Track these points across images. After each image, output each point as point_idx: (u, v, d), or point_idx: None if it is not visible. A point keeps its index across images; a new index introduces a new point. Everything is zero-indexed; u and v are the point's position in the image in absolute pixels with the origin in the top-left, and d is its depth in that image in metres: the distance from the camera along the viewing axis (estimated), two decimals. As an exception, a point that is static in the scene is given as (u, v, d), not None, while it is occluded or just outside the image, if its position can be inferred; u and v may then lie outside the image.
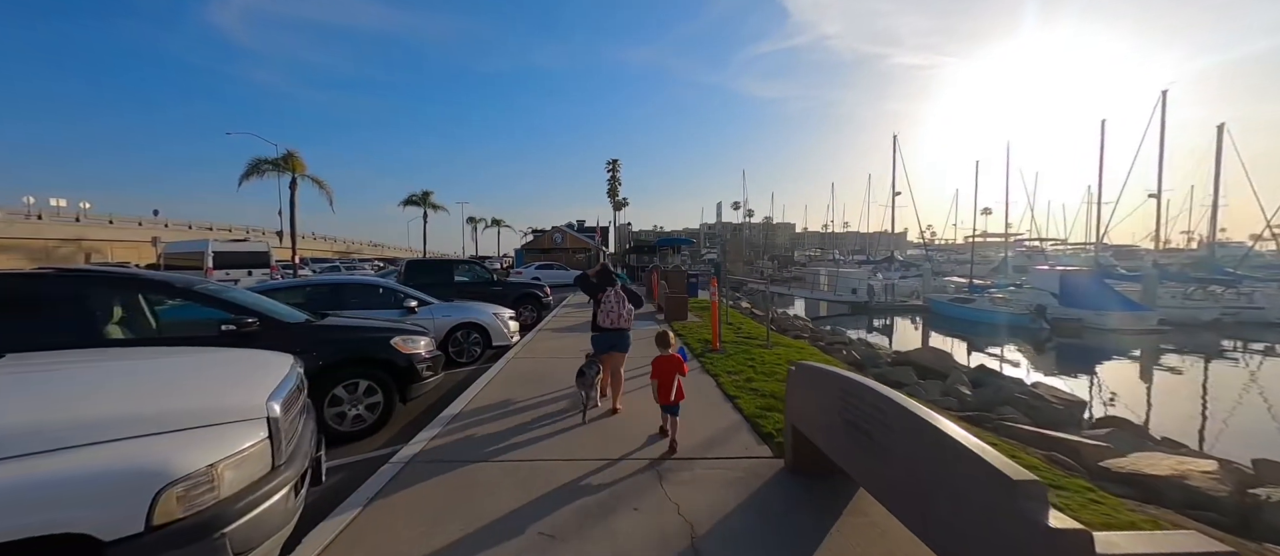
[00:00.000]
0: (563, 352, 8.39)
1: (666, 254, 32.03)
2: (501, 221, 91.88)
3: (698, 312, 13.77)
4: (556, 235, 40.20)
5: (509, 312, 8.59)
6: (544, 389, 6.05)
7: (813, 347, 9.20)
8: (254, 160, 30.40)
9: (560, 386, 6.18)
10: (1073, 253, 41.77)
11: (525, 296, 11.55)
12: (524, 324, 11.45)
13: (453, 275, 11.04)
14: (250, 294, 5.30)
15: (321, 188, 33.25)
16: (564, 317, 13.04)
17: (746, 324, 12.43)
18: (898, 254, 55.22)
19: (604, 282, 5.22)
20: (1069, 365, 15.46)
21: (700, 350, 8.36)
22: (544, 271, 28.09)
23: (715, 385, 6.26)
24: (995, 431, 5.06)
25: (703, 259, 57.89)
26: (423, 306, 7.47)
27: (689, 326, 11.35)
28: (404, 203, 56.66)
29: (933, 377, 7.78)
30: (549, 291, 12.19)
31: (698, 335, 9.96)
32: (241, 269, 18.23)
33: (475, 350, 7.90)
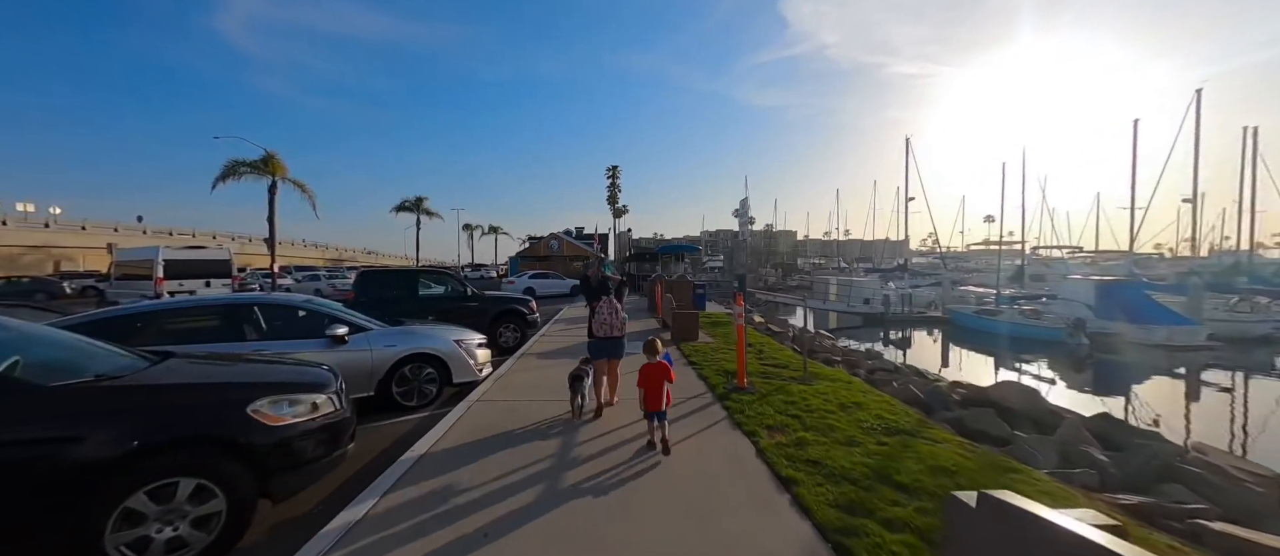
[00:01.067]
0: (543, 388, 6.54)
1: (669, 262, 30.14)
2: (499, 228, 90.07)
3: (711, 330, 11.92)
4: (552, 242, 38.35)
5: (477, 338, 6.75)
6: (512, 461, 4.20)
7: (859, 381, 7.35)
8: (231, 162, 28.56)
9: (536, 447, 4.34)
10: (1090, 261, 39.94)
11: (506, 313, 9.70)
12: (504, 347, 9.61)
13: (416, 288, 9.19)
14: (38, 328, 3.48)
15: (304, 192, 31.42)
16: (553, 337, 11.19)
17: (767, 345, 10.59)
18: (902, 261, 53.62)
19: (602, 289, 5.42)
20: (1134, 391, 13.58)
21: (722, 387, 6.52)
22: (539, 280, 26.27)
23: (754, 452, 4.40)
24: (1191, 540, 3.22)
25: (706, 267, 56.14)
26: (357, 333, 5.62)
27: (702, 349, 9.49)
28: (397, 208, 54.88)
29: (1027, 425, 5.95)
30: (536, 307, 10.34)
31: (715, 363, 8.12)
32: (197, 279, 16.41)
33: (430, 389, 6.05)
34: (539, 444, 4.53)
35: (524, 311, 9.87)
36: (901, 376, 9.00)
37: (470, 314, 9.34)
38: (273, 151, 29.20)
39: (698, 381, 7.04)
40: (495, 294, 10.75)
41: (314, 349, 5.28)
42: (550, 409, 5.57)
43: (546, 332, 12.08)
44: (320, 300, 6.24)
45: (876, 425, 5.03)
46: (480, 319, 9.41)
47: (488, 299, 9.69)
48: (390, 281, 9.46)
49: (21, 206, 34.50)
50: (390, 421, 5.58)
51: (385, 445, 4.91)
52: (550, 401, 5.87)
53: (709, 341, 10.60)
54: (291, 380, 3.43)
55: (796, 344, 12.86)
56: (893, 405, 5.92)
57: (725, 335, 11.60)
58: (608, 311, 5.28)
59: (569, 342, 10.24)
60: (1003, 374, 16.23)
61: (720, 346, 10.03)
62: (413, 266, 10.13)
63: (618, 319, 5.30)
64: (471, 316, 9.35)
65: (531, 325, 10.13)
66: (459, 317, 9.15)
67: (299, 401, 3.26)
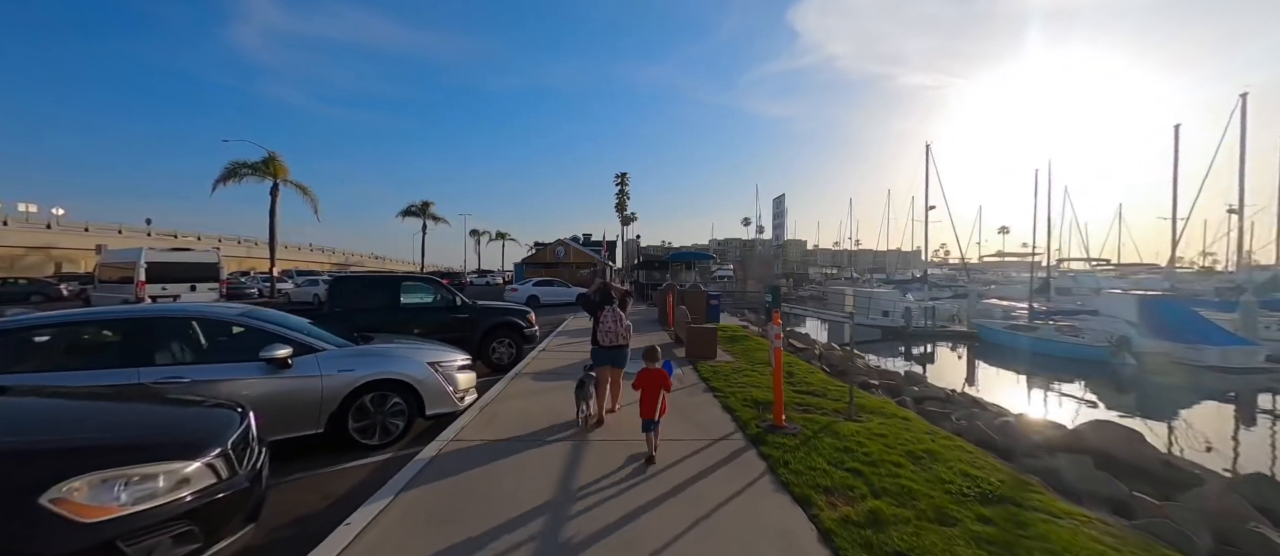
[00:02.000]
0: (537, 418, 5.42)
1: (679, 270, 28.93)
2: (507, 234, 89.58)
3: (728, 346, 10.74)
4: (559, 249, 37.30)
5: (459, 359, 5.64)
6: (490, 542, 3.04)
7: (916, 417, 6.13)
8: (232, 164, 28.07)
9: (525, 513, 3.18)
10: (1118, 274, 38.20)
11: (500, 327, 8.58)
12: (497, 364, 8.50)
13: (398, 296, 8.08)
14: None
15: (305, 194, 30.84)
16: (554, 353, 10.06)
17: (794, 365, 9.38)
18: (917, 272, 52.01)
19: (603, 301, 5.44)
20: (1222, 427, 12.07)
21: (754, 425, 5.34)
22: (543, 288, 25.19)
23: (814, 534, 3.20)
24: None
25: (715, 276, 54.83)
26: (305, 355, 4.52)
27: (722, 371, 8.31)
28: (402, 213, 54.45)
29: (1140, 481, 4.70)
30: (534, 319, 9.21)
31: (740, 389, 6.93)
32: (182, 283, 15.52)
33: (396, 424, 4.93)
34: (529, 498, 3.39)
35: (520, 324, 8.75)
36: (958, 407, 7.75)
37: (459, 327, 8.25)
38: (274, 153, 28.65)
39: (722, 415, 5.87)
40: (488, 304, 9.61)
41: (247, 376, 4.19)
42: (538, 466, 4.43)
43: (547, 347, 10.96)
44: (265, 313, 5.16)
45: (966, 487, 3.83)
46: (470, 332, 8.31)
47: (480, 310, 8.57)
48: (368, 289, 8.19)
49: (23, 207, 34.18)
50: (339, 466, 4.46)
51: (317, 505, 3.78)
52: (541, 444, 4.74)
53: (728, 360, 9.41)
54: (139, 441, 2.31)
55: (826, 363, 11.60)
56: (972, 454, 4.70)
57: (745, 352, 10.41)
58: (612, 320, 5.33)
59: (570, 359, 9.11)
60: (1038, 395, 14.84)
61: (742, 366, 8.84)
62: (394, 272, 8.99)
63: (622, 327, 5.32)
64: (461, 330, 8.26)
65: (529, 339, 9.01)
66: (447, 331, 8.08)
67: (151, 476, 2.14)
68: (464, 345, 8.19)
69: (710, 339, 9.58)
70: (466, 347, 8.26)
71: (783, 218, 4.72)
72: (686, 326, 9.86)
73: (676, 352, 10.16)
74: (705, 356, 9.43)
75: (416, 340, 6.56)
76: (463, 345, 8.24)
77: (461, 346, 8.26)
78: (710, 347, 9.53)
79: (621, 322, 5.34)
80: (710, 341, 9.56)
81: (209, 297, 15.88)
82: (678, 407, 5.99)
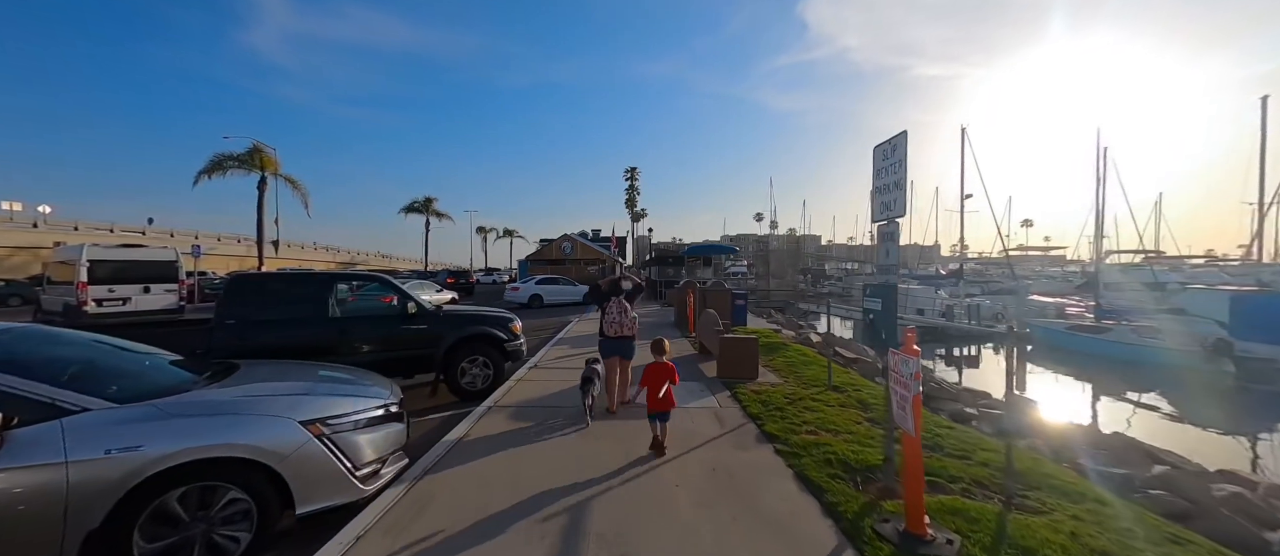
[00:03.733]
0: (503, 493, 3.23)
1: (695, 266, 26.56)
2: (515, 231, 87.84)
3: (769, 359, 8.45)
4: (565, 244, 35.07)
5: (372, 406, 3.46)
6: None
7: (1112, 498, 3.82)
8: (217, 156, 26.31)
9: None
10: (1171, 267, 34.98)
11: (470, 341, 6.35)
12: (469, 389, 6.32)
13: (326, 303, 5.71)
14: None
15: (296, 189, 29.05)
16: (547, 371, 7.88)
17: (865, 390, 7.08)
18: (940, 268, 49.05)
19: (612, 293, 5.53)
20: None
21: (870, 528, 3.07)
22: (547, 286, 23.04)
23: None
24: None
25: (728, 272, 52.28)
26: (42, 422, 2.37)
27: (772, 400, 6.04)
28: (405, 210, 52.85)
29: None
30: (519, 328, 7.01)
31: (815, 443, 4.64)
32: (133, 283, 13.61)
33: (231, 544, 2.76)
34: None
35: (499, 336, 6.55)
36: (1134, 464, 5.35)
37: (414, 344, 6.09)
38: (260, 144, 26.86)
39: (802, 499, 3.58)
40: (457, 311, 7.39)
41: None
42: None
43: (541, 361, 8.77)
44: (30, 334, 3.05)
45: None
46: (430, 349, 6.15)
47: (443, 319, 6.35)
48: (280, 292, 5.78)
49: (8, 205, 32.87)
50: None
51: None
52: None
53: (774, 382, 7.14)
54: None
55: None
56: None
57: (789, 367, 8.14)
58: (617, 311, 5.44)
59: (567, 379, 6.93)
60: (1172, 423, 12.24)
61: (795, 391, 6.57)
62: (319, 271, 6.81)
63: (627, 318, 5.44)
64: (416, 347, 6.10)
65: (513, 356, 6.81)
66: (396, 349, 5.94)
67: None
68: (420, 368, 6.05)
69: (749, 354, 7.31)
70: (425, 369, 6.14)
71: (898, 188, 2.97)
72: (717, 336, 7.59)
73: (703, 369, 7.91)
74: (744, 376, 7.18)
75: (341, 367, 4.41)
76: (418, 368, 6.12)
77: (416, 369, 6.18)
78: (750, 365, 7.26)
79: (627, 314, 5.44)
80: (750, 357, 7.29)
81: (166, 300, 13.99)
82: (726, 481, 3.77)
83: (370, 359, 5.65)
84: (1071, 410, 11.61)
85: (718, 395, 6.47)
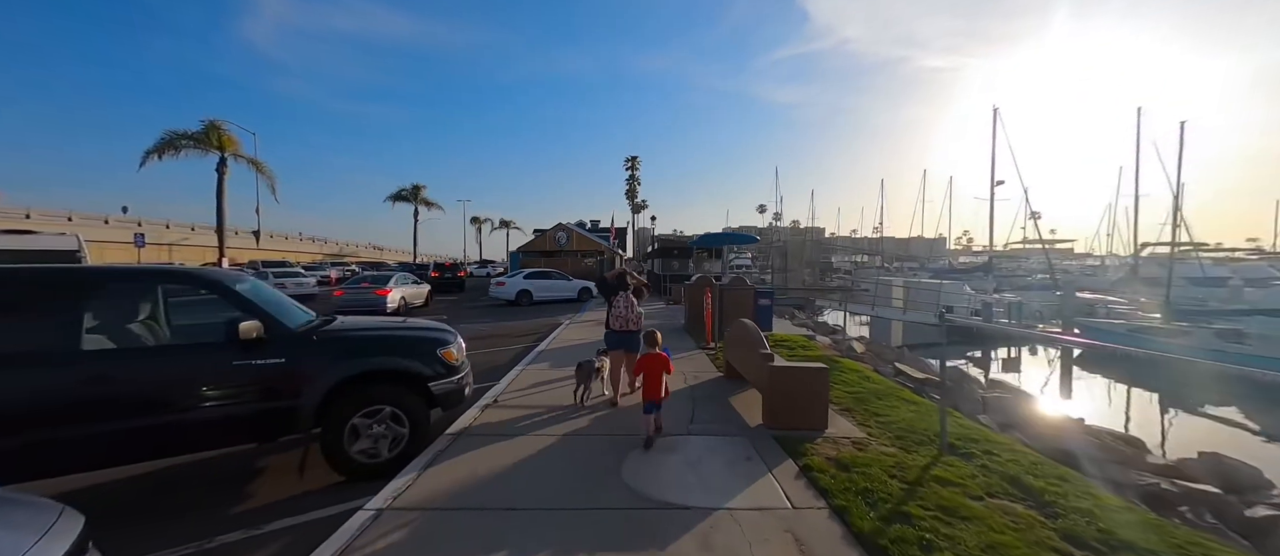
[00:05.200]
0: None
1: (702, 259, 23.92)
2: (511, 223, 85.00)
3: (842, 390, 5.90)
4: (559, 235, 32.37)
5: None
6: None
7: None
8: (168, 133, 23.55)
9: None
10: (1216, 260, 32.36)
11: (366, 380, 3.77)
12: (370, 465, 3.79)
13: (69, 323, 2.87)
14: None
15: (261, 172, 26.22)
16: (521, 400, 5.35)
17: (965, 431, 4.57)
18: (952, 262, 46.53)
19: (619, 287, 5.62)
20: None
21: None
22: (537, 281, 20.44)
23: None
24: None
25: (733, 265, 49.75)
26: None
27: (876, 486, 3.52)
28: (392, 198, 49.98)
29: None
30: (456, 354, 4.44)
31: None
32: (19, 278, 11.03)
33: None
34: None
35: (418, 371, 4.02)
36: None
37: (257, 390, 3.51)
38: (216, 121, 23.97)
39: None
40: (348, 332, 4.50)
41: None
42: None
43: (505, 391, 6.24)
44: None
45: None
46: (289, 400, 3.59)
47: (320, 346, 3.80)
48: None
49: (-50, 190, 30.14)
50: None
51: None
52: None
53: (854, 434, 4.64)
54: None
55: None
56: None
57: (861, 404, 5.62)
58: (624, 305, 5.52)
59: (542, 442, 4.42)
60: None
61: (902, 460, 4.06)
62: (43, 266, 4.05)
63: (633, 313, 5.51)
64: (262, 396, 3.53)
65: (448, 398, 4.26)
66: (225, 399, 3.39)
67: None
68: (273, 428, 3.54)
69: (817, 395, 4.77)
70: (283, 429, 3.61)
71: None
72: (762, 363, 5.04)
73: (738, 408, 5.39)
74: (807, 426, 4.67)
75: None
76: (270, 429, 3.59)
77: (267, 432, 3.64)
78: (817, 412, 4.74)
79: (634, 309, 5.53)
80: (817, 400, 4.76)
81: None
82: None
83: (164, 423, 3.13)
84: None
85: (775, 469, 3.94)
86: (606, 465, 4.00)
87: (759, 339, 5.44)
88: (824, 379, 4.82)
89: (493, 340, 11.31)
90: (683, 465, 4.01)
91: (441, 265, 31.16)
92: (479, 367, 8.29)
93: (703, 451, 4.30)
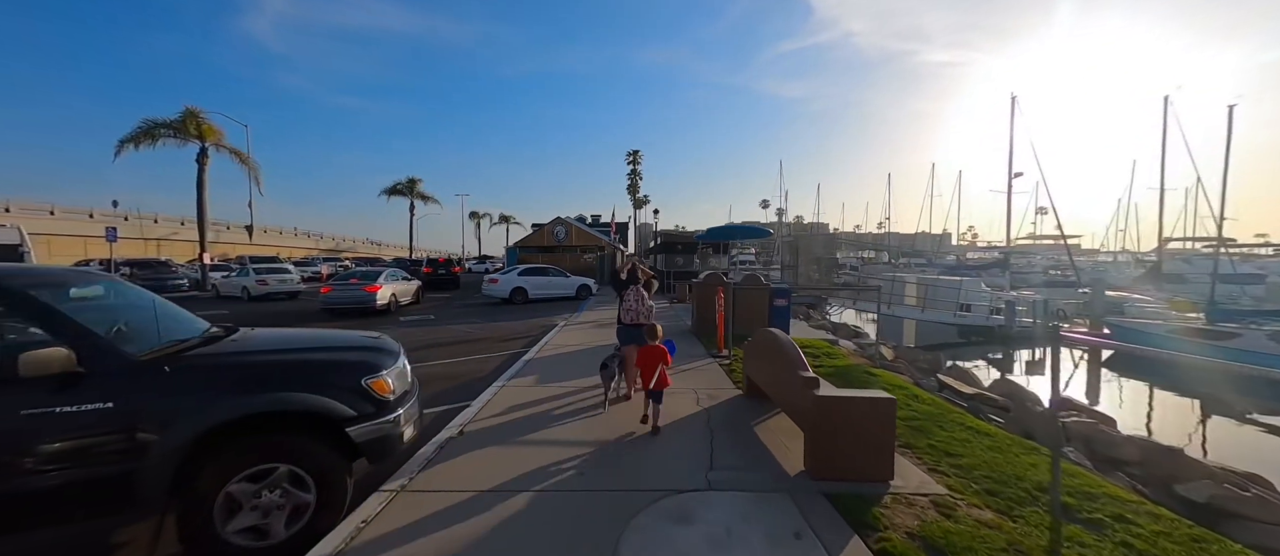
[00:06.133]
0: None
1: (707, 255, 22.71)
2: (511, 218, 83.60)
3: (908, 423, 4.72)
4: (558, 229, 31.08)
5: None
6: None
7: None
8: (145, 122, 22.29)
9: None
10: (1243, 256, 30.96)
11: (245, 429, 2.58)
12: (243, 552, 2.52)
13: None
14: None
15: (244, 164, 25.07)
16: (467, 477, 4.16)
17: (1082, 481, 3.39)
18: (960, 258, 45.20)
19: (630, 281, 5.71)
20: None
21: None
22: (533, 278, 19.24)
23: None
24: None
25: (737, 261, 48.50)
26: None
27: None
28: (387, 192, 48.67)
29: None
30: (391, 384, 3.23)
31: None
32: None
33: None
34: None
35: (337, 411, 2.84)
36: None
37: (65, 452, 2.34)
38: (195, 108, 22.72)
39: None
40: (224, 355, 3.00)
41: None
42: None
43: (490, 405, 5.05)
44: None
45: None
46: (119, 464, 2.41)
47: (165, 373, 2.47)
48: None
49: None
50: None
51: None
52: None
53: (930, 487, 3.44)
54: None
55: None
56: None
57: (921, 434, 4.44)
58: (634, 299, 5.62)
59: (525, 496, 3.24)
60: None
61: (1014, 536, 2.85)
62: None
63: (644, 306, 5.63)
64: (75, 459, 2.35)
65: (384, 442, 3.07)
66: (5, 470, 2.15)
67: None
68: (98, 506, 2.32)
69: (879, 433, 3.57)
70: (111, 508, 2.41)
71: None
72: (802, 389, 3.84)
73: (763, 438, 4.19)
74: (867, 476, 3.49)
75: None
76: (85, 508, 2.39)
77: (82, 510, 2.43)
78: (879, 458, 3.54)
79: (644, 302, 5.64)
80: (880, 441, 3.56)
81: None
82: None
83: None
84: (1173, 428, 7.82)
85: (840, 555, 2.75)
86: (597, 540, 2.83)
87: (795, 357, 4.23)
88: (889, 415, 3.61)
89: (477, 345, 10.13)
90: (707, 545, 2.82)
91: (435, 261, 29.87)
92: (455, 380, 7.07)
93: (732, 518, 3.11)
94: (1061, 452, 3.59)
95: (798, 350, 4.30)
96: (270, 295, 20.19)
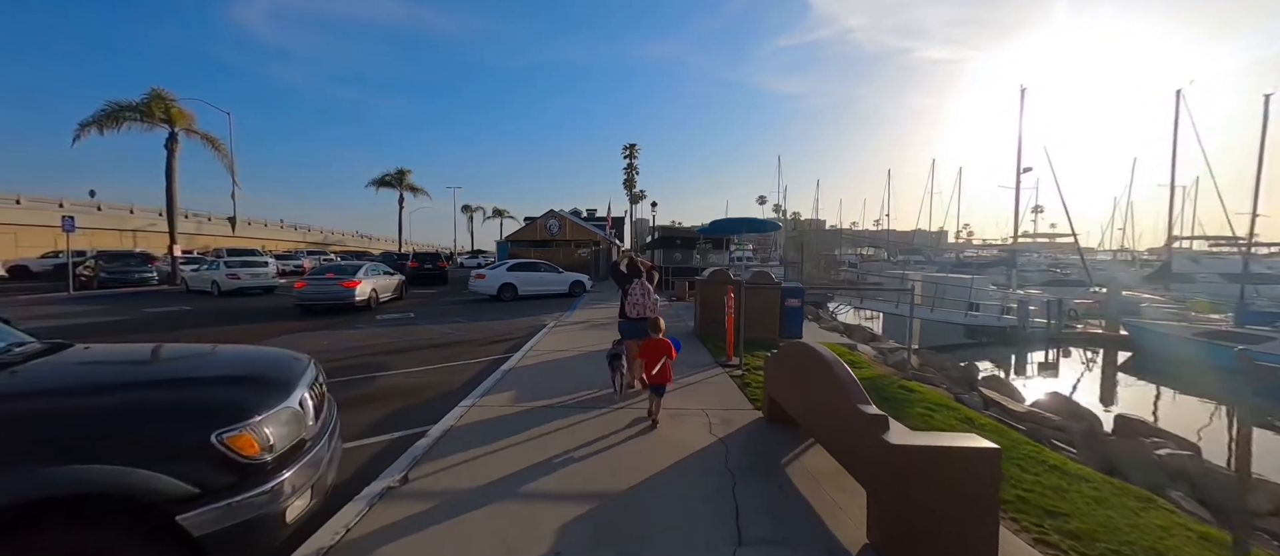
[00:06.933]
0: None
1: (707, 250, 21.65)
2: (505, 212, 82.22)
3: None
4: (551, 223, 29.90)
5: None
6: None
7: None
8: (108, 105, 20.90)
9: None
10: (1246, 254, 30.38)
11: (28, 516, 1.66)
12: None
13: None
14: None
15: (216, 149, 23.65)
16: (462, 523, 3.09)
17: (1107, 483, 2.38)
18: (958, 256, 44.43)
19: (633, 275, 5.65)
20: None
21: None
22: (522, 273, 18.10)
23: None
24: None
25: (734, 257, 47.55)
26: None
27: None
28: (376, 183, 47.36)
29: None
30: (253, 445, 2.16)
31: None
32: None
33: None
34: None
35: (160, 489, 1.78)
36: None
37: None
38: (161, 90, 21.36)
39: None
40: (27, 390, 2.43)
41: None
42: None
43: (450, 434, 3.96)
44: None
45: None
46: None
47: None
48: None
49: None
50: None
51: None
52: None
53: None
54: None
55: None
56: None
57: (1048, 495, 3.42)
58: (639, 293, 5.57)
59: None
60: None
61: None
62: None
63: (649, 300, 5.58)
64: None
65: (251, 528, 2.03)
66: None
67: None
68: None
69: (980, 500, 2.52)
70: None
71: None
72: (875, 439, 2.80)
73: (803, 490, 3.15)
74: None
75: None
76: None
77: None
78: (981, 537, 2.49)
79: (649, 296, 5.60)
80: (981, 511, 2.51)
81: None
82: None
83: None
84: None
85: None
86: None
87: (850, 383, 3.16)
88: (993, 472, 2.55)
89: (455, 349, 9.00)
90: None
91: (421, 254, 28.56)
92: (419, 396, 5.83)
93: None
94: (1217, 522, 2.57)
95: (851, 375, 3.23)
96: (242, 290, 18.95)
